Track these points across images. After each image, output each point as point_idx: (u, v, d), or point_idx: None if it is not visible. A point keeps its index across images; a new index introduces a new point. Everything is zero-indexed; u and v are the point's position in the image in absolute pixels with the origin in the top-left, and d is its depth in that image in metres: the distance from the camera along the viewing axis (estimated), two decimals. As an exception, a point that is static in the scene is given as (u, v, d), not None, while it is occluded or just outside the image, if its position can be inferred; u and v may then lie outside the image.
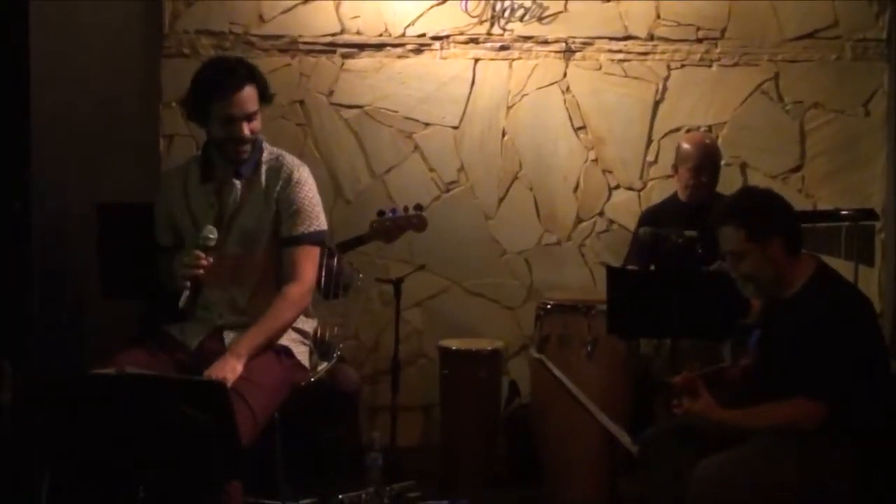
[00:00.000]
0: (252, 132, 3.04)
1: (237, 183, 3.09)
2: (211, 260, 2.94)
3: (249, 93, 3.02)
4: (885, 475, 2.75)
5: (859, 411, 2.72)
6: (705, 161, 4.18)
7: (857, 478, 2.73)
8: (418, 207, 3.90)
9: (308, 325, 3.20)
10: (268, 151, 3.15)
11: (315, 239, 3.11)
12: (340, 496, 3.85)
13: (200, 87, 3.05)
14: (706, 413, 2.90)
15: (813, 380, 2.71)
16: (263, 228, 3.08)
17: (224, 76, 3.03)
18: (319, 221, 3.13)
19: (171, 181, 3.19)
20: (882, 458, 2.75)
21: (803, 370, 2.74)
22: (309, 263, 3.09)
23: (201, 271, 2.91)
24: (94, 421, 2.41)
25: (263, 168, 3.11)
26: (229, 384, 2.75)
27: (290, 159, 3.15)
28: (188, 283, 2.89)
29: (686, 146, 4.26)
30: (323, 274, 3.42)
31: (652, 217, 4.26)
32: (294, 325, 3.12)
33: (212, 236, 2.95)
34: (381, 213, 3.88)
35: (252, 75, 3.07)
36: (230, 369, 2.82)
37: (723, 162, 4.36)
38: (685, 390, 2.97)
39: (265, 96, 3.09)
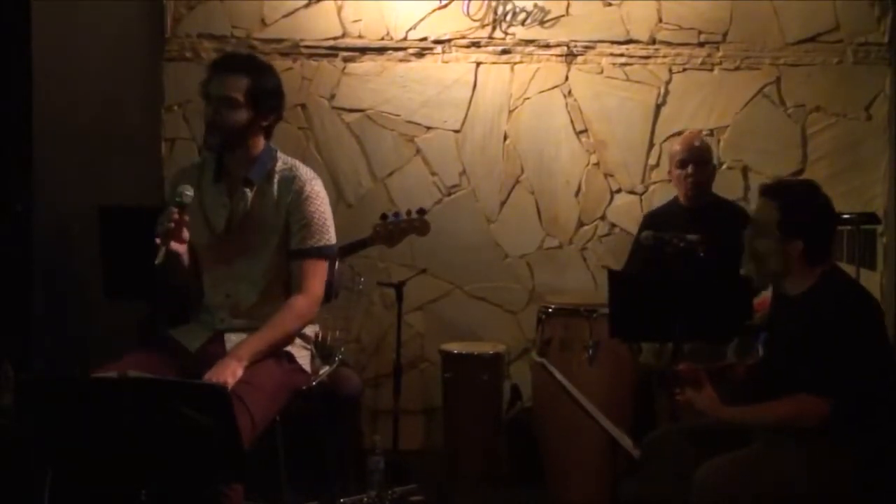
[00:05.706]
0: (226, 120, 2.99)
1: (248, 191, 3.07)
2: (187, 219, 2.89)
3: (235, 80, 3.00)
4: (888, 476, 2.74)
5: (862, 411, 2.71)
6: (691, 154, 4.17)
7: (859, 478, 2.72)
8: (421, 211, 3.92)
9: (309, 329, 3.18)
10: (281, 161, 3.12)
11: (324, 253, 3.09)
12: (342, 500, 3.85)
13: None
14: (708, 406, 2.88)
15: (816, 376, 2.70)
16: (272, 237, 3.06)
17: (224, 57, 3.18)
18: (329, 236, 3.11)
19: (185, 178, 3.12)
20: (885, 458, 2.74)
21: (807, 367, 2.73)
22: (317, 277, 3.07)
23: (172, 225, 2.85)
24: (95, 424, 2.40)
25: (276, 178, 3.08)
26: (229, 387, 2.74)
27: (304, 171, 3.11)
28: (159, 240, 2.83)
29: (674, 145, 4.33)
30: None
31: (652, 220, 4.26)
32: (295, 329, 3.11)
33: (188, 193, 2.90)
34: (383, 217, 3.89)
35: (250, 69, 3.04)
36: (231, 372, 2.80)
37: (717, 161, 4.38)
38: (689, 380, 2.96)
39: (259, 98, 3.02)
